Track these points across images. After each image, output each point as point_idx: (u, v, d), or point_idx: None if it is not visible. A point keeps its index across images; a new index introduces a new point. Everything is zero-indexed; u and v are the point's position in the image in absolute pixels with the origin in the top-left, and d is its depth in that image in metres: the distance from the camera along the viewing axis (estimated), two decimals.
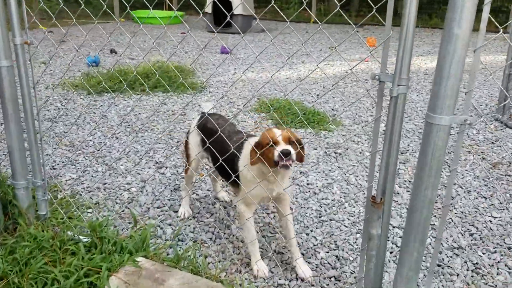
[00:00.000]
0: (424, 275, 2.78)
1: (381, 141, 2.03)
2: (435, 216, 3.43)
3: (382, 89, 1.96)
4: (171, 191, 3.71)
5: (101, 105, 5.79)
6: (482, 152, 4.66)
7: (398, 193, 3.78)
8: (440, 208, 3.54)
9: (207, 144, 2.82)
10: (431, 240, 3.13)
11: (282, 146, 2.48)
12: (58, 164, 4.13)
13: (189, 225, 3.25)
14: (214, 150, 2.90)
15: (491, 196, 3.78)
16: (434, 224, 3.32)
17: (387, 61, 1.90)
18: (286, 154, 2.44)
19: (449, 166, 4.29)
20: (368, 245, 2.09)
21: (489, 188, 3.92)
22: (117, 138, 4.76)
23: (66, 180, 3.85)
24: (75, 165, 4.13)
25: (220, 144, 2.85)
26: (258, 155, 2.53)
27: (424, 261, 2.92)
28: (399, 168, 4.21)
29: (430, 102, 1.80)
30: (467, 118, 1.78)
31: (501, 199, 3.73)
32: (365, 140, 4.93)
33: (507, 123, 5.46)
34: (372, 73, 1.92)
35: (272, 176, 2.60)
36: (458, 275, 2.82)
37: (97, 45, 9.67)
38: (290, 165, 2.47)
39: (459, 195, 3.79)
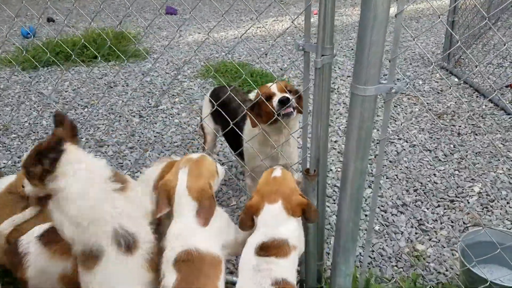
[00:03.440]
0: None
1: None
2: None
3: (308, 60, 1.86)
4: None
5: (37, 82, 5.46)
6: (428, 103, 4.70)
7: None
8: (391, 167, 3.58)
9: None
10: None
11: (279, 95, 2.34)
12: None
13: None
14: (223, 121, 2.65)
15: (436, 149, 3.83)
16: (381, 188, 3.34)
17: (310, 29, 1.79)
18: (284, 101, 2.27)
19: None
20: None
21: (434, 140, 3.97)
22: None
23: (0, 168, 3.64)
24: (10, 150, 3.90)
25: (229, 115, 2.57)
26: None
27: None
28: (342, 136, 4.20)
29: (354, 72, 1.72)
30: (393, 87, 1.72)
31: (445, 151, 3.78)
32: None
33: (452, 71, 5.51)
34: (296, 43, 1.81)
35: (276, 135, 2.43)
36: (402, 233, 2.86)
37: (33, 14, 9.07)
38: (292, 113, 2.31)
39: (404, 150, 3.82)
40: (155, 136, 4.09)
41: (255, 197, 1.90)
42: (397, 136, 4.03)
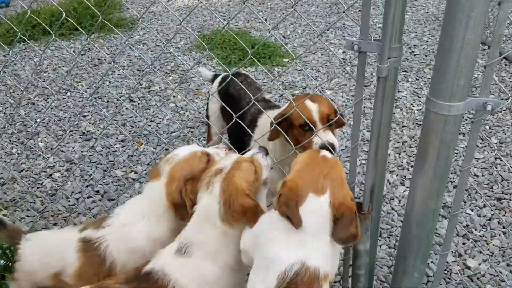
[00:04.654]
0: None
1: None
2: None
3: (364, 62, 1.36)
4: (103, 171, 3.08)
5: (13, 61, 4.83)
6: None
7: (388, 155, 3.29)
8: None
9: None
10: None
11: (322, 133, 1.81)
12: None
13: None
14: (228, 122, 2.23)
15: (470, 131, 3.37)
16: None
17: (369, 22, 1.28)
18: (327, 149, 1.68)
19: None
20: (354, 263, 1.62)
21: (466, 120, 3.51)
22: (33, 104, 3.95)
23: None
24: None
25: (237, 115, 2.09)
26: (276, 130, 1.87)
27: None
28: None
29: (433, 83, 1.24)
30: (487, 101, 1.25)
31: (481, 134, 3.32)
32: (324, 74, 4.35)
33: None
34: (348, 40, 1.31)
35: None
36: None
37: None
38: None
39: None
40: (149, 125, 3.58)
41: (295, 179, 1.29)
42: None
